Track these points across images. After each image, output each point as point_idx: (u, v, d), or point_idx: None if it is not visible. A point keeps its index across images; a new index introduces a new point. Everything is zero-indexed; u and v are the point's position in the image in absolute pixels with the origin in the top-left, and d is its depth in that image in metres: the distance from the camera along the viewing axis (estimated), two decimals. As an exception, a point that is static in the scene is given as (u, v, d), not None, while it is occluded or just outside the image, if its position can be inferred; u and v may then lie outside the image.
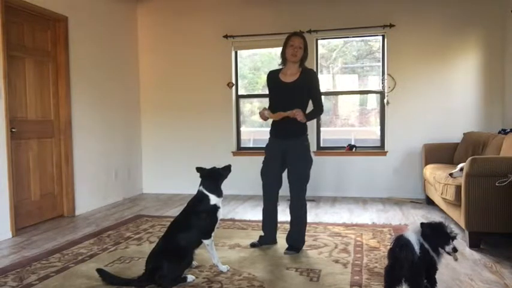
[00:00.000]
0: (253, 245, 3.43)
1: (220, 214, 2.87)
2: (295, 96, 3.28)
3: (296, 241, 3.32)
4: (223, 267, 2.88)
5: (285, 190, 3.41)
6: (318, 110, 3.37)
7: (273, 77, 3.42)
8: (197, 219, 2.75)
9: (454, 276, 2.76)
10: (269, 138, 3.44)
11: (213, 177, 2.89)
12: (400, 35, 5.42)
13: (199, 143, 6.05)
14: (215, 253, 2.88)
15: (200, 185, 2.88)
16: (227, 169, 2.97)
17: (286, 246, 3.32)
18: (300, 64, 3.34)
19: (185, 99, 6.09)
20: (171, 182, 6.12)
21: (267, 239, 3.47)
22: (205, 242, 2.79)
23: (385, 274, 2.24)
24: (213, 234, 2.83)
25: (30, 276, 2.85)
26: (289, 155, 3.28)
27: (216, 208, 2.82)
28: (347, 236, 3.72)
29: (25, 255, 3.34)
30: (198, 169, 2.93)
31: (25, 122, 4.23)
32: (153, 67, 6.20)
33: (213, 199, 2.82)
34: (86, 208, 4.97)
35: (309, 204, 5.19)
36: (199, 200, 2.83)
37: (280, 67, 3.43)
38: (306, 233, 3.41)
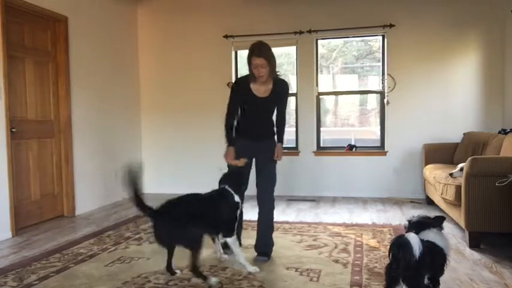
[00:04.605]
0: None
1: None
2: (266, 110, 3.16)
3: (266, 245, 3.23)
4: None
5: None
6: (284, 124, 3.23)
7: (243, 87, 3.09)
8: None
9: (454, 276, 2.76)
10: (238, 140, 3.17)
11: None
12: (400, 35, 5.42)
13: (199, 143, 6.05)
14: None
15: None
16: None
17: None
18: (273, 76, 3.07)
19: (185, 99, 6.09)
20: (171, 182, 6.11)
21: None
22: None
23: (385, 273, 2.25)
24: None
25: (30, 276, 2.85)
26: (260, 156, 3.17)
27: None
28: (347, 236, 3.72)
29: (25, 255, 3.34)
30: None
31: (25, 122, 4.23)
32: (153, 67, 6.20)
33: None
34: (86, 208, 4.96)
35: (309, 204, 5.24)
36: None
37: (247, 74, 3.10)
38: (306, 233, 3.40)
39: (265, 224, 3.22)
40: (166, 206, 2.68)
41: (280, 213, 4.68)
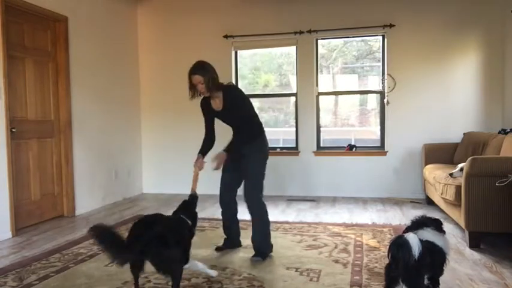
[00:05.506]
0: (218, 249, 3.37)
1: None
2: (231, 119, 3.28)
3: (260, 245, 3.21)
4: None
5: (286, 190, 3.39)
6: (243, 128, 3.22)
7: (206, 105, 3.36)
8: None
9: (454, 276, 2.76)
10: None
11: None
12: (400, 35, 5.42)
13: (199, 143, 6.03)
14: None
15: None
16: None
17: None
18: (216, 88, 3.19)
19: (185, 99, 6.04)
20: (171, 182, 6.11)
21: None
22: None
23: (385, 273, 2.25)
24: None
25: (30, 276, 2.85)
26: (243, 160, 3.24)
27: None
28: (347, 236, 3.72)
29: (25, 255, 3.34)
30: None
31: (25, 122, 4.23)
32: (153, 67, 6.20)
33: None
34: (86, 208, 4.96)
35: (309, 204, 5.24)
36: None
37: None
38: (306, 233, 3.40)
39: (255, 223, 3.24)
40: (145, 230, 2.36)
41: (280, 213, 4.68)
